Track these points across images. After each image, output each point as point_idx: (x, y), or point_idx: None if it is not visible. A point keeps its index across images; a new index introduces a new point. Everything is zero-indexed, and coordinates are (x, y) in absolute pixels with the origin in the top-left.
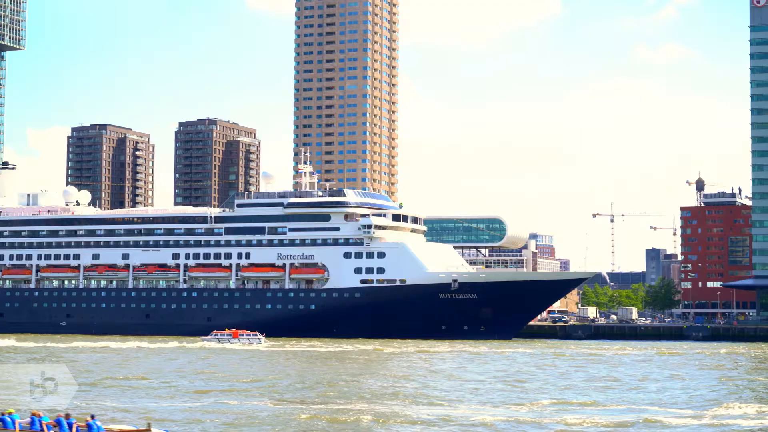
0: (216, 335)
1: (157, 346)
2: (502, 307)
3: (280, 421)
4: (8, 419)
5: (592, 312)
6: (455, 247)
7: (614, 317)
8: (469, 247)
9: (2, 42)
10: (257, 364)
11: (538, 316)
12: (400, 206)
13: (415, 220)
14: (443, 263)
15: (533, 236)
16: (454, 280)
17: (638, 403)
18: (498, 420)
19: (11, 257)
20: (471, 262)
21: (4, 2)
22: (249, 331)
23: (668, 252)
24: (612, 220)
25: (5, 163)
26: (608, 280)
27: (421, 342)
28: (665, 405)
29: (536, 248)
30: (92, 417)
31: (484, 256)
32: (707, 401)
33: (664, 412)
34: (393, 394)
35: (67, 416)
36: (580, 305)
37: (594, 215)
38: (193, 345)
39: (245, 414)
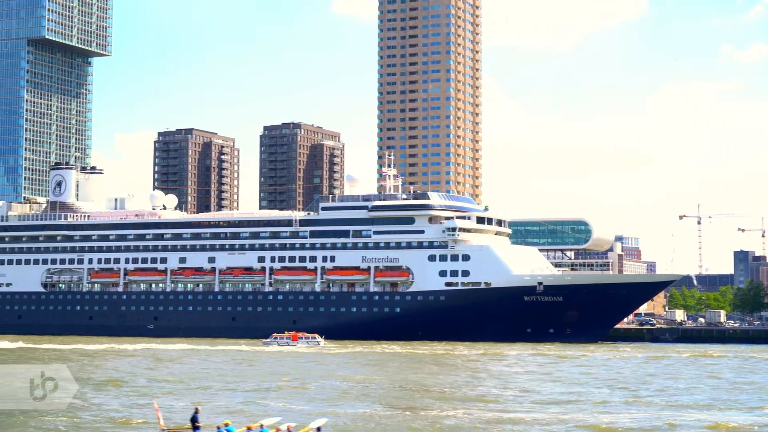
0: (276, 338)
1: (256, 348)
2: (588, 309)
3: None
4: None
5: (679, 315)
6: (540, 250)
7: (702, 320)
8: (554, 250)
9: (89, 48)
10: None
11: (624, 319)
12: (486, 209)
13: (499, 223)
14: (528, 266)
15: (619, 238)
16: (540, 283)
17: None
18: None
19: (99, 261)
20: (556, 265)
21: (91, 9)
22: (308, 334)
23: (757, 254)
24: (699, 222)
25: (93, 168)
26: (695, 283)
27: (512, 345)
28: None
29: (622, 250)
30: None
31: (570, 258)
32: None
33: None
34: (545, 402)
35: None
36: (667, 308)
37: (680, 217)
38: (280, 348)
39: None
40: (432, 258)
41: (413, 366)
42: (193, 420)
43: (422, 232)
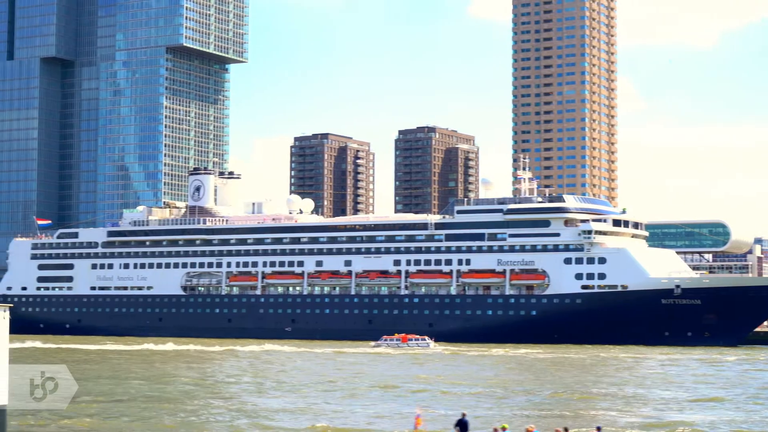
0: (385, 340)
1: (368, 351)
2: (726, 313)
3: None
4: None
5: None
6: (677, 253)
7: None
8: (692, 253)
9: (226, 55)
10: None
11: (765, 323)
12: (623, 211)
13: (636, 225)
14: (665, 268)
15: (758, 241)
16: (677, 286)
17: None
18: None
19: (238, 264)
20: (694, 268)
21: (228, 17)
22: (418, 336)
23: None
24: None
25: (231, 173)
26: None
27: (651, 349)
28: None
29: (762, 253)
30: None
31: (707, 261)
32: None
33: None
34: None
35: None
36: None
37: None
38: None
39: None
40: (568, 261)
41: (566, 369)
42: (461, 425)
43: (558, 235)
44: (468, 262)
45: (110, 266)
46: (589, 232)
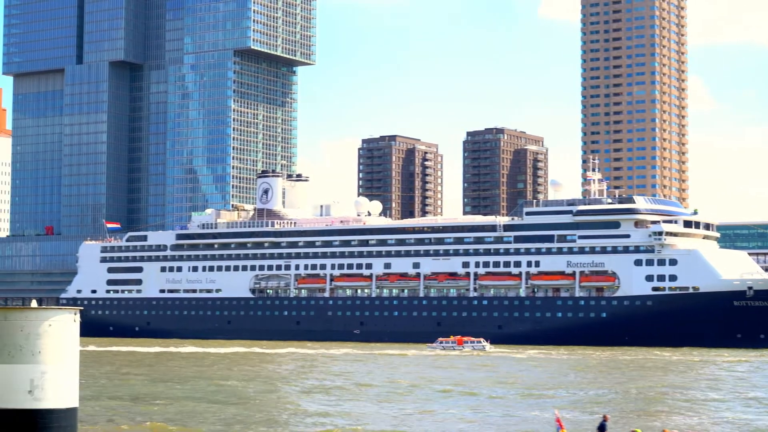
0: (441, 343)
1: (423, 353)
2: None
3: None
4: None
5: None
6: (749, 254)
7: None
8: (764, 254)
9: (294, 58)
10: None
11: None
12: (695, 212)
13: (707, 227)
14: (737, 270)
15: None
16: (750, 288)
17: None
18: None
19: (306, 267)
20: (766, 269)
21: (295, 19)
22: (473, 338)
23: None
24: None
25: (299, 176)
26: None
27: (724, 351)
28: None
29: None
30: None
31: None
32: None
33: None
34: None
35: None
36: None
37: None
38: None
39: None
40: (638, 262)
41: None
42: (601, 429)
43: (628, 236)
44: (537, 263)
45: (179, 269)
46: (660, 233)
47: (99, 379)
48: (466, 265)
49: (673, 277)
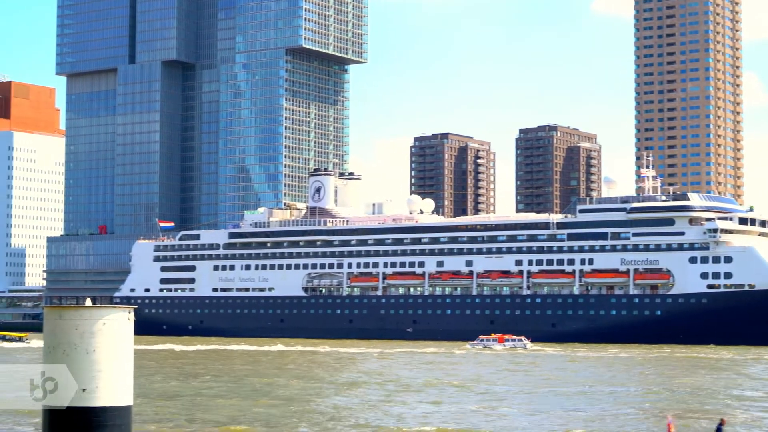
0: (482, 340)
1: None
2: None
3: None
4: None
5: None
6: None
7: None
8: None
9: (345, 56)
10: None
11: None
12: (750, 209)
13: (763, 224)
14: None
15: None
16: None
17: None
18: None
19: (359, 265)
20: None
21: (347, 18)
22: (514, 336)
23: None
24: None
25: (351, 174)
26: None
27: None
28: None
29: None
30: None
31: None
32: None
33: None
34: None
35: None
36: None
37: None
38: (486, 351)
39: None
40: (693, 260)
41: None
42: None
43: (682, 233)
44: (591, 261)
45: (231, 268)
46: (715, 230)
47: (153, 377)
48: (519, 263)
49: (728, 275)
